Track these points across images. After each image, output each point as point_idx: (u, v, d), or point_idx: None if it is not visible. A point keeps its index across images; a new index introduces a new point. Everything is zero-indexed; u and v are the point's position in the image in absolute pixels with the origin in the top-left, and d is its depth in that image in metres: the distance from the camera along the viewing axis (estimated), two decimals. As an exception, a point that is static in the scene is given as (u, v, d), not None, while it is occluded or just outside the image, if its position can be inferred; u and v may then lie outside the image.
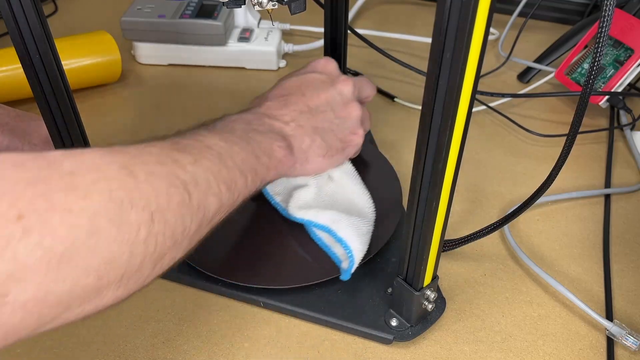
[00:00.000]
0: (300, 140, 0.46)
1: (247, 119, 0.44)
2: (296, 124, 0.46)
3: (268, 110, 0.46)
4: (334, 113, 0.48)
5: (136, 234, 0.28)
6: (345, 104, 0.49)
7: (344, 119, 0.49)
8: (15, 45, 0.38)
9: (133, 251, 0.28)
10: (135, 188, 0.29)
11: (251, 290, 0.46)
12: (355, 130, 0.50)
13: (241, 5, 0.43)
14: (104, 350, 0.43)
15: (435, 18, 0.28)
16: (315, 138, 0.47)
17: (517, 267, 0.50)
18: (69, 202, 0.25)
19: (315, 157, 0.47)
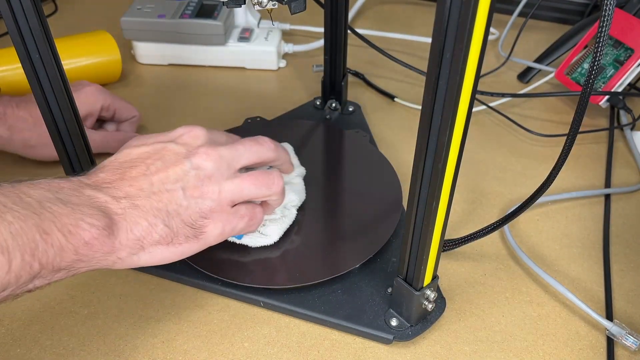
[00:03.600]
0: (133, 223, 0.36)
1: (57, 186, 0.35)
2: (130, 202, 0.37)
3: (94, 181, 0.37)
4: (184, 192, 0.39)
5: None
6: (201, 182, 0.40)
7: (196, 199, 0.40)
8: (15, 45, 0.38)
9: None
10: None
11: (251, 290, 0.46)
12: (207, 214, 0.40)
13: (241, 5, 0.43)
14: (104, 350, 0.43)
15: (435, 18, 0.28)
16: (155, 222, 0.37)
17: (517, 267, 0.50)
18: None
19: (154, 246, 0.38)
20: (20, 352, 0.43)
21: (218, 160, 0.41)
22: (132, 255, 0.37)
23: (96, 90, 0.58)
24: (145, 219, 0.37)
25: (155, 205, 0.38)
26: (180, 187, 0.39)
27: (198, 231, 0.40)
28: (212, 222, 0.40)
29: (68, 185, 0.35)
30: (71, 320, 0.45)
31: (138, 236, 0.37)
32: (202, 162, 0.40)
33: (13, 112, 0.54)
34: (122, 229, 0.36)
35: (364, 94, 0.72)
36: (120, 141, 0.60)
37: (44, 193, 0.33)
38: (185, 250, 0.40)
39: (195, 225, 0.40)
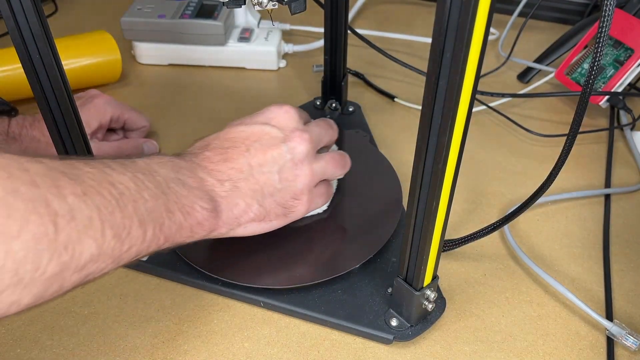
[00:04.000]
0: (233, 204, 0.41)
1: (178, 165, 0.39)
2: (232, 185, 0.41)
3: (205, 161, 0.42)
4: (279, 175, 0.43)
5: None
6: (295, 166, 0.44)
7: (290, 182, 0.44)
8: (15, 45, 0.38)
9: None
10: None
11: (251, 290, 0.46)
12: (299, 196, 0.44)
13: (241, 5, 0.43)
14: (104, 350, 0.43)
15: (435, 18, 0.28)
16: (251, 203, 0.42)
17: (517, 267, 0.50)
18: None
19: (249, 223, 0.43)
20: (20, 352, 0.43)
21: (309, 144, 0.44)
22: (229, 230, 0.42)
23: (105, 102, 0.58)
24: (243, 200, 0.42)
25: (253, 187, 0.42)
26: (276, 171, 0.43)
27: (288, 210, 0.45)
28: (300, 203, 0.45)
29: (185, 165, 0.40)
30: (71, 320, 0.45)
31: (236, 215, 0.42)
32: (297, 146, 0.44)
33: (27, 132, 0.54)
34: (225, 209, 0.41)
35: (364, 94, 0.72)
36: (133, 147, 0.60)
37: (169, 173, 0.38)
38: (274, 225, 0.45)
39: (287, 205, 0.44)
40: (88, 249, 0.29)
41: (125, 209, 0.32)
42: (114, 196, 0.31)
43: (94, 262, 0.30)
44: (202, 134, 0.46)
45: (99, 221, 0.30)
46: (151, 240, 0.34)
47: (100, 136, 0.58)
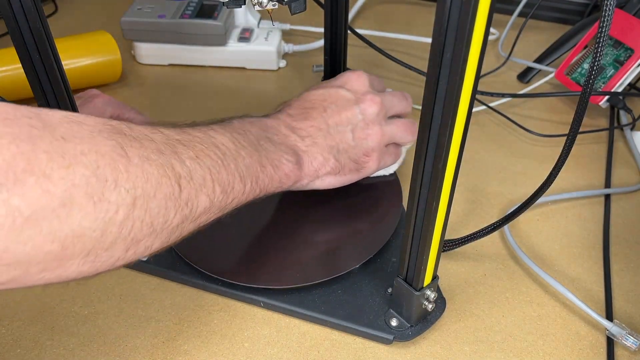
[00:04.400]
0: (313, 157, 0.45)
1: (265, 124, 0.44)
2: (312, 141, 0.46)
3: (288, 119, 0.46)
4: (353, 134, 0.47)
5: (113, 214, 0.28)
6: (366, 126, 0.48)
7: (362, 140, 0.48)
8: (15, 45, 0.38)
9: (106, 230, 0.28)
10: (125, 170, 0.28)
11: (251, 290, 0.46)
12: (370, 153, 0.48)
13: (241, 5, 0.43)
14: (104, 350, 0.43)
15: (435, 18, 0.28)
16: (328, 157, 0.46)
17: (517, 267, 0.50)
18: (50, 168, 0.25)
19: (326, 176, 0.47)
20: (20, 352, 0.43)
21: (380, 107, 0.48)
22: (310, 182, 0.46)
23: (105, 102, 0.58)
24: (321, 154, 0.46)
25: (329, 143, 0.46)
26: (350, 130, 0.47)
27: (360, 166, 0.48)
28: (371, 159, 0.49)
29: (271, 124, 0.45)
30: (71, 320, 0.45)
31: (316, 167, 0.46)
32: (367, 108, 0.47)
33: None
34: (306, 162, 0.45)
35: (364, 94, 0.72)
36: None
37: (259, 131, 0.42)
38: (347, 179, 0.49)
39: (359, 161, 0.48)
40: (202, 203, 0.34)
41: (229, 167, 0.37)
42: (219, 157, 0.36)
43: (206, 214, 0.35)
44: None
45: (210, 179, 0.35)
46: (249, 192, 0.39)
47: None
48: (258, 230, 0.50)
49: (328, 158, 0.46)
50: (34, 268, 0.26)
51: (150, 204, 0.30)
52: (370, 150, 0.48)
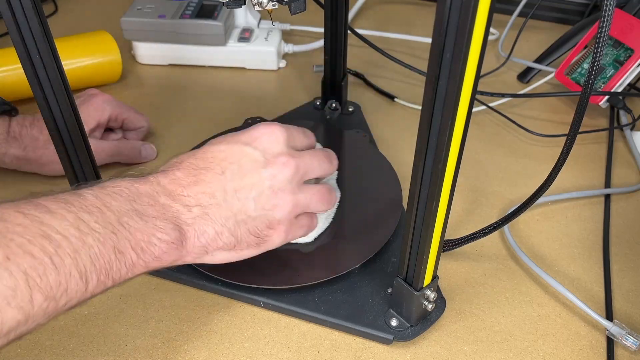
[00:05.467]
0: (201, 232, 0.38)
1: (137, 192, 0.36)
2: (201, 211, 0.38)
3: (172, 184, 0.38)
4: (255, 203, 0.40)
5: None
6: (274, 194, 0.40)
7: (267, 211, 0.40)
8: (15, 45, 0.38)
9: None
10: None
11: (251, 290, 0.46)
12: (275, 226, 0.41)
13: (241, 5, 0.43)
14: (104, 350, 0.43)
15: (435, 18, 0.28)
16: (222, 231, 0.39)
17: (517, 267, 0.50)
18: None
19: (216, 252, 0.40)
20: (20, 352, 0.43)
21: (294, 172, 0.41)
22: (195, 259, 0.39)
23: (104, 101, 0.58)
24: (213, 228, 0.38)
25: (224, 214, 0.39)
26: (252, 198, 0.40)
27: (261, 240, 0.41)
28: (276, 233, 0.42)
29: (145, 191, 0.36)
30: (71, 320, 0.45)
31: (204, 243, 0.38)
32: (278, 173, 0.40)
33: (27, 131, 0.55)
34: (190, 238, 0.37)
35: (364, 94, 0.72)
36: (131, 149, 0.60)
37: (123, 204, 0.34)
38: (244, 254, 0.41)
39: (261, 235, 0.41)
40: (12, 318, 0.27)
41: (62, 265, 0.29)
42: (47, 253, 0.29)
43: (22, 326, 0.28)
44: (202, 134, 0.45)
45: (26, 288, 0.28)
46: (95, 288, 0.32)
47: (98, 135, 0.59)
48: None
49: (221, 232, 0.39)
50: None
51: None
52: (276, 223, 0.41)
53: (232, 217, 0.39)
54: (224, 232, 0.39)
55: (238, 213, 0.39)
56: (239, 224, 0.40)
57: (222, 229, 0.39)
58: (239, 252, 0.41)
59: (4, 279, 0.27)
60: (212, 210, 0.38)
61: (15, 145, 0.54)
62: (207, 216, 0.38)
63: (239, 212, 0.39)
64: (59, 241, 0.30)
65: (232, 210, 0.39)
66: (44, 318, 0.29)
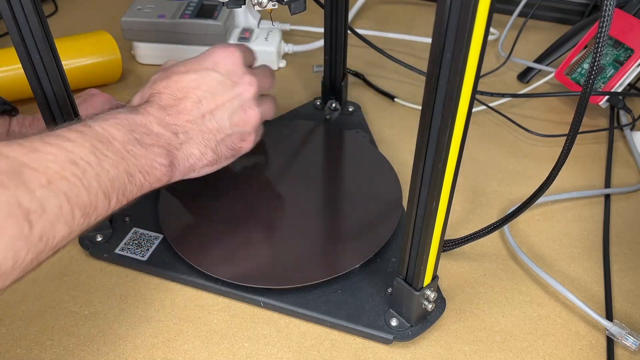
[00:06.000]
0: (188, 154, 0.43)
1: (134, 122, 0.40)
2: (186, 137, 0.43)
3: (159, 113, 0.42)
4: (229, 121, 0.45)
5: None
6: (244, 110, 0.46)
7: (239, 127, 0.46)
8: (15, 45, 0.38)
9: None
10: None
11: (251, 290, 0.46)
12: (246, 137, 0.47)
13: (241, 6, 0.43)
14: (104, 350, 0.43)
15: (435, 18, 0.28)
16: (205, 151, 0.45)
17: (517, 267, 0.50)
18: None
19: (201, 168, 0.45)
20: (20, 352, 0.43)
21: (255, 89, 0.47)
22: (183, 176, 0.45)
23: (104, 100, 0.58)
24: (198, 149, 0.44)
25: (206, 136, 0.44)
26: (227, 117, 0.45)
27: (236, 151, 0.48)
28: (247, 142, 0.48)
29: (140, 121, 0.40)
30: (71, 320, 0.45)
31: (192, 163, 0.44)
32: (244, 92, 0.46)
33: (27, 131, 0.55)
34: (181, 160, 0.43)
35: (364, 94, 0.72)
36: None
37: (126, 135, 0.38)
38: (222, 165, 0.48)
39: (235, 148, 0.47)
40: (60, 233, 0.31)
41: (91, 187, 0.33)
42: (77, 177, 0.33)
43: (66, 239, 0.32)
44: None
45: (69, 206, 0.32)
46: (115, 206, 0.36)
47: None
48: (258, 231, 0.50)
49: (205, 152, 0.45)
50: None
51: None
52: (247, 135, 0.47)
53: (212, 138, 0.45)
54: (208, 152, 0.45)
55: (217, 133, 0.45)
56: (218, 142, 0.45)
57: (205, 149, 0.45)
58: (219, 164, 0.47)
59: (52, 199, 0.30)
60: (194, 134, 0.44)
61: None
62: (192, 140, 0.44)
63: (217, 132, 0.45)
64: (84, 166, 0.33)
65: (212, 131, 0.45)
66: (79, 232, 0.34)
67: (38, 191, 0.30)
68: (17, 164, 0.30)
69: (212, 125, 0.45)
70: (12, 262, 0.28)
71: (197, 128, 0.44)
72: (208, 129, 0.45)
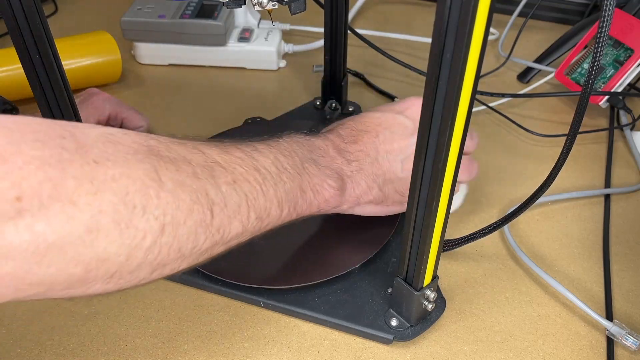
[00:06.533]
0: (356, 184, 0.44)
1: (313, 144, 0.42)
2: (358, 166, 0.44)
3: (337, 140, 0.44)
4: (402, 164, 0.45)
5: (140, 240, 0.28)
6: None
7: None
8: (15, 45, 0.38)
9: (131, 255, 0.28)
10: (156, 196, 0.28)
11: (251, 290, 0.46)
12: None
13: (241, 5, 0.43)
14: (104, 350, 0.43)
15: (435, 18, 0.28)
16: (372, 185, 0.44)
17: (517, 267, 0.50)
18: (77, 194, 0.25)
19: (367, 204, 0.45)
20: (20, 352, 0.43)
21: None
22: (349, 208, 0.45)
23: (103, 100, 0.58)
24: (366, 182, 0.44)
25: (376, 171, 0.44)
26: (400, 160, 0.45)
27: (405, 199, 0.44)
28: None
29: (319, 144, 0.43)
30: (71, 320, 0.45)
31: (358, 194, 0.44)
32: None
33: None
34: (349, 188, 0.43)
35: (364, 94, 0.72)
36: None
37: (305, 153, 0.41)
38: (390, 210, 0.47)
39: (405, 195, 0.44)
40: (235, 229, 0.34)
41: (267, 193, 0.36)
42: (258, 182, 0.35)
43: (238, 238, 0.35)
44: (202, 133, 0.46)
45: (246, 206, 0.34)
46: (285, 217, 0.38)
47: None
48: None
49: (372, 186, 0.44)
50: (57, 287, 0.27)
51: (179, 231, 0.30)
52: None
53: (382, 175, 0.44)
54: (374, 187, 0.44)
55: (387, 172, 0.44)
56: (386, 182, 0.45)
57: (373, 184, 0.44)
58: (385, 207, 0.46)
59: (233, 197, 0.33)
60: (366, 166, 0.44)
61: None
62: (362, 171, 0.44)
63: (388, 171, 0.44)
64: (265, 174, 0.36)
65: (382, 169, 0.44)
66: (251, 234, 0.36)
67: (224, 187, 0.33)
68: (211, 160, 0.33)
69: (384, 163, 0.44)
70: (191, 245, 0.31)
71: (368, 160, 0.44)
72: (379, 165, 0.44)
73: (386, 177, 0.44)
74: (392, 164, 0.44)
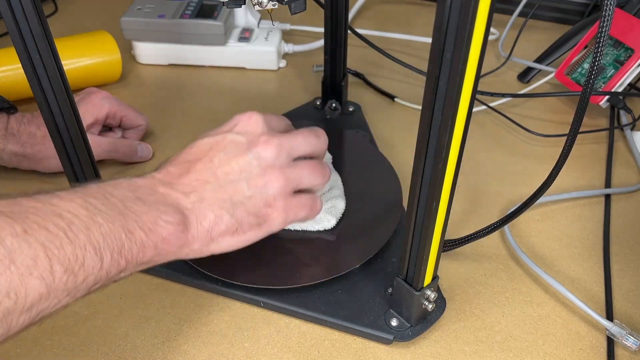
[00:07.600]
0: (202, 216, 0.39)
1: (135, 185, 0.38)
2: (198, 196, 0.39)
3: (167, 176, 0.40)
4: (248, 183, 0.41)
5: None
6: (263, 171, 0.41)
7: (260, 189, 0.41)
8: (15, 45, 0.38)
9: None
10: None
11: (251, 290, 0.46)
12: (272, 203, 0.41)
13: (241, 5, 0.43)
14: (104, 350, 0.43)
15: (435, 18, 0.28)
16: (221, 214, 0.39)
17: (517, 267, 0.50)
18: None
19: (221, 237, 0.40)
20: (20, 352, 0.43)
21: (278, 149, 0.42)
22: (202, 246, 0.40)
23: (102, 98, 0.58)
24: (212, 211, 0.39)
25: (220, 197, 0.40)
26: (244, 178, 0.41)
27: (262, 220, 0.42)
28: (275, 211, 0.42)
29: (143, 184, 0.38)
30: (71, 320, 0.45)
31: (206, 227, 0.39)
32: (262, 151, 0.41)
33: (25, 128, 0.55)
34: (193, 222, 0.38)
35: (364, 94, 0.72)
36: (127, 146, 0.60)
37: (125, 193, 0.36)
38: (250, 237, 0.42)
39: (260, 214, 0.41)
40: (35, 290, 0.28)
41: (77, 239, 0.31)
42: (61, 228, 0.30)
43: (45, 300, 0.29)
44: (202, 133, 0.46)
45: (46, 259, 0.29)
46: (110, 265, 0.33)
47: (96, 131, 0.59)
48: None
49: (220, 215, 0.39)
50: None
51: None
52: (272, 200, 0.41)
53: (228, 200, 0.40)
54: (224, 215, 0.40)
55: (233, 195, 0.40)
56: (235, 205, 0.40)
57: (220, 212, 0.40)
58: (242, 235, 0.41)
59: (24, 250, 0.28)
60: (208, 194, 0.39)
61: (13, 142, 0.55)
62: (204, 200, 0.39)
63: (234, 194, 0.40)
64: (71, 219, 0.31)
65: (227, 192, 0.40)
66: (64, 293, 0.30)
67: (8, 239, 0.28)
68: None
69: (228, 186, 0.40)
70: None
71: (209, 188, 0.40)
72: (223, 190, 0.40)
73: (234, 201, 0.40)
74: (235, 184, 0.40)
